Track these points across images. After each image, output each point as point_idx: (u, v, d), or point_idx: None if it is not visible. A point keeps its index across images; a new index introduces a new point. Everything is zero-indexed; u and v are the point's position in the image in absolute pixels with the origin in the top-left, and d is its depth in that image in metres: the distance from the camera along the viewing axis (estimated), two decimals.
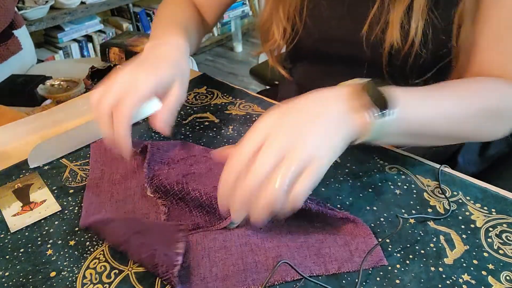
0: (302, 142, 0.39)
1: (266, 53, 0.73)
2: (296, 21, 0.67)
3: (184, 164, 0.55)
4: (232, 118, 0.69)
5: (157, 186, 0.51)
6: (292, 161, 0.38)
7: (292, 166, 0.38)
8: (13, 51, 1.33)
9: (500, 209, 0.50)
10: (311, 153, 0.39)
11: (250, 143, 0.40)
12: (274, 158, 0.39)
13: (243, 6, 3.24)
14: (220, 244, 0.46)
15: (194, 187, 0.49)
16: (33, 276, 0.44)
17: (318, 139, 0.40)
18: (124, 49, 1.25)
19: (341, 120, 0.42)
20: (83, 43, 2.53)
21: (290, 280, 0.42)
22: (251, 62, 2.96)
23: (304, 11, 0.66)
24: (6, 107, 0.95)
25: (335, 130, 0.41)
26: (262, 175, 0.38)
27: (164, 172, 0.53)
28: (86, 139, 0.65)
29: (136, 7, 2.83)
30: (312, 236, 0.47)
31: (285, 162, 0.38)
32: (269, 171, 0.38)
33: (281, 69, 0.75)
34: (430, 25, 0.57)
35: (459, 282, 0.42)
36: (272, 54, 0.73)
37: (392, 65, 0.61)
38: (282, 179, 0.38)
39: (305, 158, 0.39)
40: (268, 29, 0.70)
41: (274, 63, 0.74)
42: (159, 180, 0.51)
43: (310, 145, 0.39)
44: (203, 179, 0.52)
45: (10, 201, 0.54)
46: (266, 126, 0.41)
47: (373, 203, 0.51)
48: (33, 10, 2.07)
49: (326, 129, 0.41)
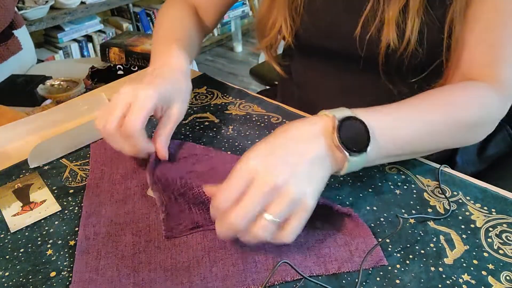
0: (291, 184, 0.40)
1: (263, 49, 0.74)
2: (293, 17, 0.67)
3: (185, 162, 0.55)
4: (232, 118, 0.69)
5: (158, 178, 0.51)
6: (282, 204, 0.40)
7: (282, 208, 0.40)
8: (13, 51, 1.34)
9: (500, 209, 0.50)
10: (299, 196, 0.40)
11: (238, 181, 0.41)
12: (263, 198, 0.40)
13: (243, 6, 3.24)
14: (220, 244, 0.46)
15: (198, 184, 0.49)
16: (33, 276, 0.44)
17: (304, 181, 0.41)
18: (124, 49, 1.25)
19: (321, 158, 0.43)
20: (83, 43, 2.53)
21: (290, 280, 0.42)
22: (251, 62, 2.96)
23: (301, 6, 0.66)
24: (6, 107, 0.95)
25: (317, 169, 0.43)
26: (251, 214, 0.40)
27: (167, 167, 0.53)
28: (86, 139, 0.65)
29: (136, 7, 2.83)
30: (312, 236, 0.47)
31: (275, 204, 0.40)
32: (258, 211, 0.40)
33: (276, 66, 0.75)
34: (426, 24, 0.57)
35: (459, 282, 0.42)
36: (269, 51, 0.73)
37: (388, 64, 0.62)
38: (273, 219, 0.40)
39: (294, 200, 0.40)
40: (265, 25, 0.70)
41: (270, 59, 0.74)
42: (162, 173, 0.51)
43: (298, 188, 0.41)
44: (205, 177, 0.52)
45: (10, 201, 0.54)
46: (253, 165, 0.41)
47: (373, 203, 0.51)
48: (33, 10, 2.07)
49: (310, 170, 0.42)
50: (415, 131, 0.50)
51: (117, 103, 0.52)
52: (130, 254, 0.46)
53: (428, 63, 0.60)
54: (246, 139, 0.63)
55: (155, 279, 0.43)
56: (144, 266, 0.44)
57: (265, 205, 0.40)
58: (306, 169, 0.42)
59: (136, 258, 0.45)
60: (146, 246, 0.47)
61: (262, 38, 0.72)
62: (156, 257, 0.45)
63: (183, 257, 0.45)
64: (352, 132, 0.44)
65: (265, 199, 0.40)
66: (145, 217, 0.50)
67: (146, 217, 0.50)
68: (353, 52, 0.63)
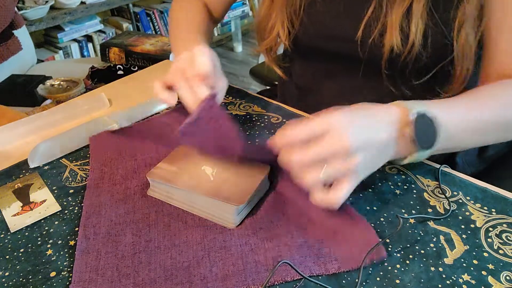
0: (359, 156, 0.43)
1: (263, 52, 0.74)
2: (292, 19, 0.67)
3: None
4: (232, 118, 0.68)
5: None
6: (342, 167, 0.43)
7: (339, 170, 0.43)
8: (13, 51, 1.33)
9: (500, 209, 0.50)
10: (356, 169, 0.44)
11: (315, 125, 0.44)
12: (329, 153, 0.43)
13: (243, 6, 3.24)
14: (220, 244, 0.46)
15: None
16: (33, 276, 0.44)
17: (370, 159, 0.45)
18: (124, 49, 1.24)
19: (389, 145, 0.46)
20: (83, 43, 2.53)
21: (290, 280, 0.42)
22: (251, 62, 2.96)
23: (300, 8, 0.66)
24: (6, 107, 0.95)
25: (382, 154, 0.46)
26: (311, 161, 0.43)
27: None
28: (86, 139, 0.65)
29: (136, 7, 2.83)
30: (312, 236, 0.47)
31: (335, 163, 0.43)
32: (318, 161, 0.43)
33: (277, 68, 0.75)
34: (430, 28, 0.57)
35: (459, 282, 0.42)
36: (269, 53, 0.73)
37: (392, 68, 0.61)
38: (328, 176, 0.43)
39: (353, 171, 0.43)
40: (265, 27, 0.70)
41: (270, 62, 0.74)
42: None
43: (362, 162, 0.44)
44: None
45: (10, 201, 0.54)
46: (335, 120, 0.44)
47: (373, 203, 0.51)
48: (33, 10, 2.07)
49: (378, 151, 0.46)
50: (471, 131, 0.52)
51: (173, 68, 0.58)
52: (130, 254, 0.46)
53: (432, 66, 0.60)
54: (246, 139, 0.63)
55: (155, 279, 0.43)
56: (144, 266, 0.44)
57: (327, 159, 0.43)
58: (376, 149, 0.45)
59: (136, 258, 0.45)
60: (146, 246, 0.47)
61: (262, 41, 0.72)
62: (156, 257, 0.45)
63: (183, 257, 0.45)
64: (425, 129, 0.47)
65: (330, 154, 0.43)
66: (145, 217, 0.50)
67: (146, 217, 0.50)
68: (354, 55, 0.63)
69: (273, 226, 0.48)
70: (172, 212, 0.51)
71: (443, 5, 0.56)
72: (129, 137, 0.64)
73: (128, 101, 0.75)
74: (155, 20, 2.88)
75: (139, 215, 0.51)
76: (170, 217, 0.50)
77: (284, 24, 0.67)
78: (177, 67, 0.59)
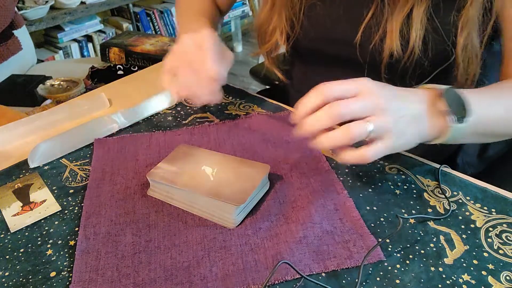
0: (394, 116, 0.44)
1: (263, 54, 0.74)
2: (293, 22, 0.67)
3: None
4: (232, 118, 0.69)
5: None
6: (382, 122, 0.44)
7: (380, 124, 0.44)
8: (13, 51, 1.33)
9: (500, 209, 0.50)
10: (394, 130, 0.44)
11: (352, 84, 0.45)
12: (369, 109, 0.44)
13: (243, 6, 3.24)
14: (220, 244, 0.46)
15: None
16: (33, 276, 0.44)
17: (403, 124, 0.45)
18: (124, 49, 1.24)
19: (420, 119, 0.46)
20: (83, 43, 2.53)
21: (290, 279, 0.42)
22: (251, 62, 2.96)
23: (301, 11, 0.66)
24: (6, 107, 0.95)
25: (414, 125, 0.46)
26: (355, 113, 0.44)
27: None
28: (86, 139, 0.65)
29: (136, 7, 2.83)
30: (311, 231, 0.47)
31: (377, 118, 0.44)
32: (359, 115, 0.44)
33: (277, 71, 0.75)
34: (430, 33, 0.57)
35: (459, 282, 0.42)
36: (269, 56, 0.73)
37: (392, 73, 0.61)
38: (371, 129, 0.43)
39: (389, 130, 0.44)
40: (265, 30, 0.70)
41: (271, 65, 0.74)
42: None
43: (396, 120, 0.44)
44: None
45: (10, 201, 0.54)
46: (371, 85, 0.45)
47: (373, 203, 0.51)
48: (33, 10, 2.07)
49: (410, 120, 0.45)
50: (503, 113, 0.51)
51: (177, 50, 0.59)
52: (130, 254, 0.46)
53: (432, 71, 0.60)
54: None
55: (155, 279, 0.43)
56: (144, 266, 0.44)
57: (366, 115, 0.44)
58: (410, 116, 0.45)
59: (136, 258, 0.45)
60: (146, 246, 0.47)
61: (263, 44, 0.72)
62: (156, 257, 0.45)
63: (183, 257, 0.45)
64: (455, 99, 0.47)
65: (371, 110, 0.44)
66: (145, 217, 0.50)
67: (146, 217, 0.50)
68: (354, 59, 0.63)
69: (273, 225, 0.48)
70: (172, 212, 0.51)
71: (444, 10, 0.56)
72: (134, 142, 0.64)
73: (128, 101, 0.75)
74: (155, 20, 2.88)
75: (139, 215, 0.51)
76: (170, 217, 0.50)
77: (284, 28, 0.67)
78: (181, 51, 0.59)
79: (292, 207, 0.51)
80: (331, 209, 0.50)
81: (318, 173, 0.56)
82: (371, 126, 0.43)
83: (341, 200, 0.51)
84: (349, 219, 0.48)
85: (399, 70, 0.60)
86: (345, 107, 0.43)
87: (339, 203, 0.51)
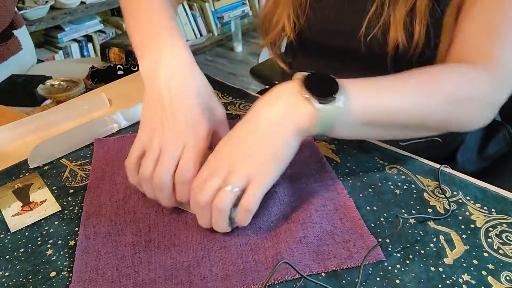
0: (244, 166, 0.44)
1: (267, 46, 0.73)
2: (298, 13, 0.67)
3: None
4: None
5: None
6: (234, 178, 0.43)
7: (237, 179, 0.43)
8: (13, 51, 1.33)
9: (500, 209, 0.50)
10: (251, 172, 0.44)
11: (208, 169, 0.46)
12: (222, 179, 0.44)
13: (243, 6, 3.24)
14: (220, 243, 0.46)
15: None
16: (33, 276, 0.44)
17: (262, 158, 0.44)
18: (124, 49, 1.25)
19: (286, 117, 0.44)
20: (83, 43, 2.53)
21: (290, 279, 0.42)
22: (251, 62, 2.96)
23: (306, 2, 0.66)
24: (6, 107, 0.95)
25: (273, 143, 0.44)
26: (212, 191, 0.44)
27: None
28: (86, 139, 0.65)
29: None
30: (311, 231, 0.47)
31: (228, 180, 0.44)
32: (218, 185, 0.44)
33: (280, 62, 0.74)
34: (432, 25, 0.57)
35: (459, 282, 0.42)
36: (273, 47, 0.73)
37: (398, 66, 0.61)
38: (231, 188, 0.43)
39: (248, 174, 0.44)
40: (270, 21, 0.70)
41: (274, 56, 0.74)
42: None
43: (250, 166, 0.44)
44: None
45: (10, 201, 0.54)
46: (220, 156, 0.46)
47: (373, 203, 0.51)
48: (33, 10, 2.07)
49: (263, 146, 0.44)
50: (396, 100, 0.48)
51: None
52: (130, 254, 0.46)
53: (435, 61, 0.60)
54: None
55: (155, 279, 0.43)
56: (144, 266, 0.44)
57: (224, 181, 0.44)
58: (258, 142, 0.45)
59: (136, 258, 0.45)
60: (146, 246, 0.47)
61: (267, 35, 0.72)
62: (156, 257, 0.45)
63: (183, 257, 0.45)
64: (319, 82, 0.45)
65: (220, 176, 0.44)
66: (145, 217, 0.50)
67: (146, 217, 0.50)
68: (358, 51, 0.63)
69: (273, 225, 0.48)
70: (172, 212, 0.51)
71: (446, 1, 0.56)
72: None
73: (128, 101, 0.75)
74: None
75: (139, 215, 0.51)
76: (170, 217, 0.50)
77: (290, 18, 0.67)
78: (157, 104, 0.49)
79: (292, 207, 0.51)
80: (331, 209, 0.50)
81: (318, 173, 0.56)
82: (229, 187, 0.43)
83: (341, 200, 0.51)
84: (349, 219, 0.48)
85: (405, 63, 0.60)
86: (200, 189, 0.44)
87: (339, 203, 0.51)
